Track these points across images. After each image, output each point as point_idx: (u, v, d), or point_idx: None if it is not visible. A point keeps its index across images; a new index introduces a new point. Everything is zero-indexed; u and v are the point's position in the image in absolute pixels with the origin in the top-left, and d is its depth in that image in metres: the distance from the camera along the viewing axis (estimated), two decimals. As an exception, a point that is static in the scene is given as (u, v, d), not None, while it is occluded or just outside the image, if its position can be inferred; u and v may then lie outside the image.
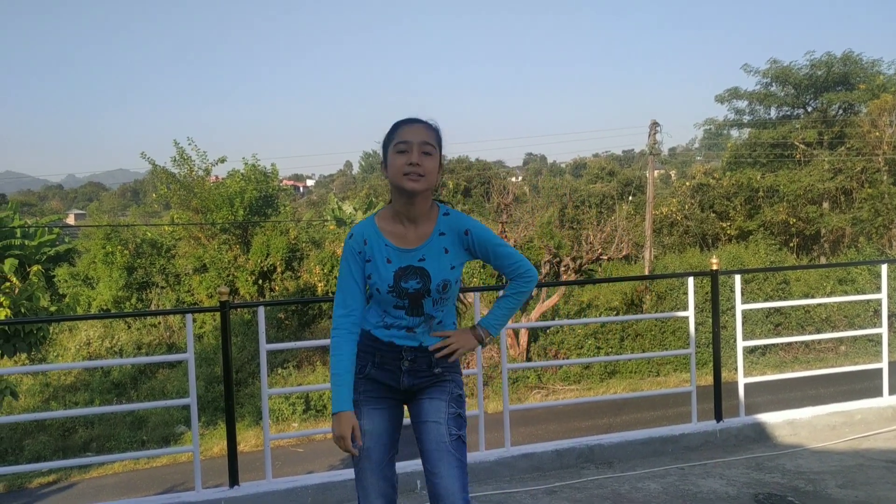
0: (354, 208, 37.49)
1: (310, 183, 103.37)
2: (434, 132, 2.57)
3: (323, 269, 25.62)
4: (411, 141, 2.49)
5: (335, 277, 25.75)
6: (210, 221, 26.65)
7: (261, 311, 4.19)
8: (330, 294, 25.29)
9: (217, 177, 31.40)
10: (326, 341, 7.44)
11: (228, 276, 25.11)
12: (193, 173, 27.69)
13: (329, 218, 36.68)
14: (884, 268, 5.34)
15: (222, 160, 29.10)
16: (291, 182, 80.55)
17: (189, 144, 27.54)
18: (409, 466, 4.19)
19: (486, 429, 4.70)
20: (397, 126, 2.56)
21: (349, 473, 4.15)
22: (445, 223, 2.60)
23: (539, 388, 19.71)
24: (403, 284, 2.51)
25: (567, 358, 20.43)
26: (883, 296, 5.31)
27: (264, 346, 4.11)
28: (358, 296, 2.60)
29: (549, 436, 13.02)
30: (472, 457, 4.34)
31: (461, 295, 15.43)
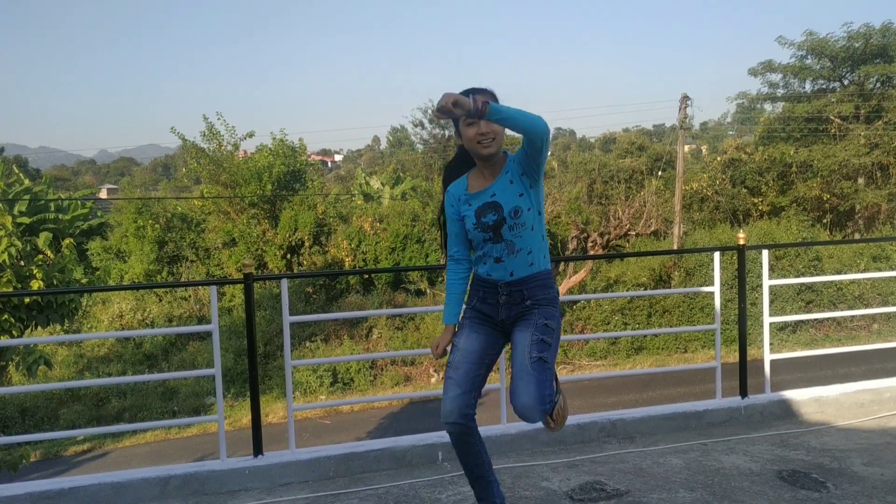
0: (382, 183, 37.54)
1: (337, 158, 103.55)
2: (491, 96, 2.95)
3: (350, 244, 25.73)
4: None
5: (363, 252, 25.99)
6: (239, 196, 26.85)
7: (284, 283, 4.21)
8: (356, 268, 25.43)
9: (245, 151, 31.59)
10: (352, 314, 7.46)
11: (257, 250, 25.33)
12: (222, 148, 27.87)
13: (356, 193, 36.80)
14: (917, 243, 5.22)
15: (251, 135, 29.26)
16: (319, 157, 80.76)
17: (218, 119, 27.67)
18: (429, 438, 4.22)
19: (509, 403, 4.71)
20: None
21: (372, 444, 4.19)
22: (507, 163, 3.02)
23: (565, 363, 19.70)
24: (483, 219, 2.97)
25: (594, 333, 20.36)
26: (916, 272, 5.19)
27: (287, 318, 4.14)
28: (461, 236, 3.13)
29: (573, 410, 13.05)
30: (493, 429, 4.36)
31: None
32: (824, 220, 28.35)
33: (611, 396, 15.65)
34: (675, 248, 23.92)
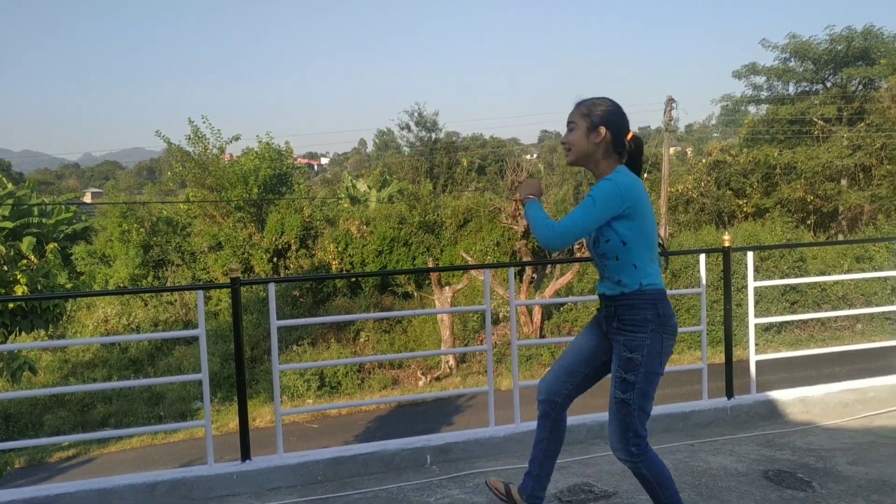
0: (368, 186, 37.52)
1: (324, 161, 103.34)
2: (575, 108, 2.97)
3: (337, 248, 25.70)
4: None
5: (350, 255, 25.97)
6: (225, 199, 26.76)
7: (271, 287, 4.20)
8: (343, 271, 25.37)
9: (231, 155, 31.50)
10: (340, 318, 7.41)
11: (243, 253, 25.25)
12: (208, 151, 27.78)
13: (343, 196, 36.77)
14: (899, 244, 5.28)
15: (236, 138, 29.20)
16: (306, 160, 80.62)
17: (204, 122, 27.58)
18: (417, 441, 4.22)
19: (499, 406, 4.72)
20: None
21: (360, 448, 4.19)
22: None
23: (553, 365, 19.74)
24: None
25: (581, 335, 20.41)
26: (898, 273, 5.25)
27: (274, 323, 4.13)
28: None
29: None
30: (482, 432, 4.37)
31: None
32: (808, 222, 28.58)
33: (598, 398, 15.65)
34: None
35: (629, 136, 2.93)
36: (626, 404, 2.88)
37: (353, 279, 25.22)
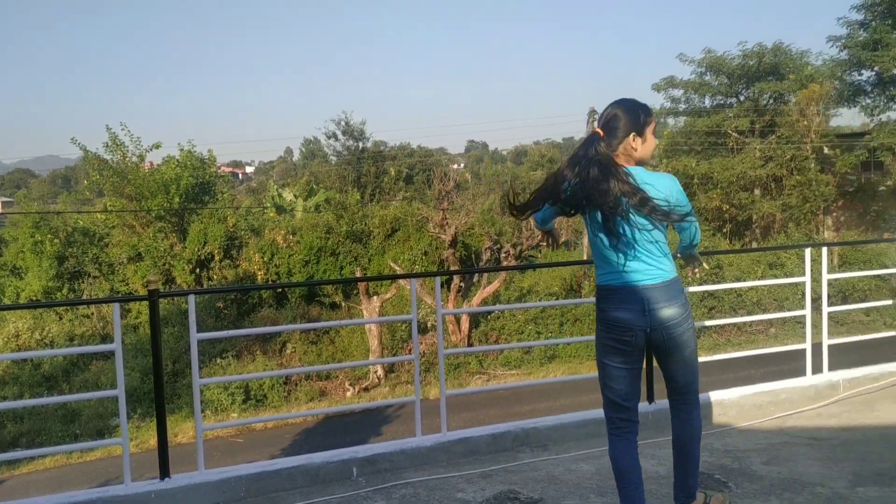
0: (295, 195, 37.05)
1: (249, 170, 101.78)
2: (637, 106, 3.12)
3: (263, 258, 25.29)
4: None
5: (275, 266, 25.55)
6: (145, 209, 26.03)
7: (191, 299, 4.10)
8: (269, 282, 24.95)
9: (152, 163, 30.73)
10: (264, 329, 7.29)
11: (164, 264, 24.57)
12: (127, 159, 27.00)
13: (269, 205, 36.20)
14: (807, 252, 5.52)
15: (157, 146, 28.47)
16: (230, 169, 79.22)
17: (122, 130, 26.79)
18: (344, 454, 4.18)
19: (428, 415, 4.71)
20: (651, 112, 3.12)
21: (284, 462, 4.12)
22: None
23: (480, 373, 19.86)
24: None
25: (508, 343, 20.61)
26: (806, 279, 5.48)
27: (194, 336, 4.03)
28: None
29: (489, 421, 13.12)
30: (409, 443, 4.35)
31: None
32: (724, 230, 29.62)
33: (525, 405, 15.84)
34: (585, 258, 24.53)
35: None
36: None
37: (280, 290, 24.82)
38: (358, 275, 23.57)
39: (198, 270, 24.71)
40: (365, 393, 19.03)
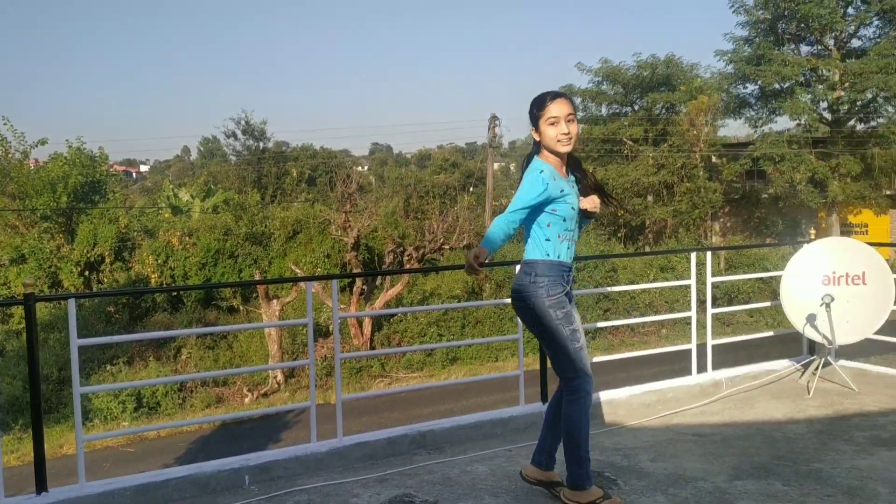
0: (192, 196, 35.93)
1: (143, 168, 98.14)
2: (567, 100, 3.33)
3: (157, 260, 24.39)
4: (559, 115, 3.27)
5: (170, 268, 24.69)
6: (29, 208, 24.69)
7: (71, 303, 3.90)
8: (163, 285, 24.09)
9: (37, 160, 29.25)
10: (156, 334, 7.02)
11: (50, 266, 23.35)
12: (10, 156, 25.63)
13: (164, 205, 34.96)
14: (693, 256, 5.77)
15: (43, 142, 27.16)
16: (123, 167, 76.17)
17: (4, 124, 25.35)
18: (235, 462, 4.06)
19: (327, 420, 4.65)
20: (544, 102, 3.30)
21: (172, 473, 3.96)
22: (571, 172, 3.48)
23: (383, 376, 19.80)
24: (578, 206, 3.41)
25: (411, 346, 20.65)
26: (692, 281, 5.73)
27: (75, 341, 3.84)
28: (532, 203, 3.28)
29: (390, 424, 13.15)
30: (303, 449, 4.28)
31: None
32: (619, 235, 30.67)
33: (427, 407, 15.88)
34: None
35: None
36: None
37: (175, 293, 24.00)
38: (257, 278, 23.07)
39: (87, 273, 23.61)
40: (264, 399, 18.64)
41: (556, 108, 3.27)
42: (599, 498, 3.42)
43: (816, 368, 5.78)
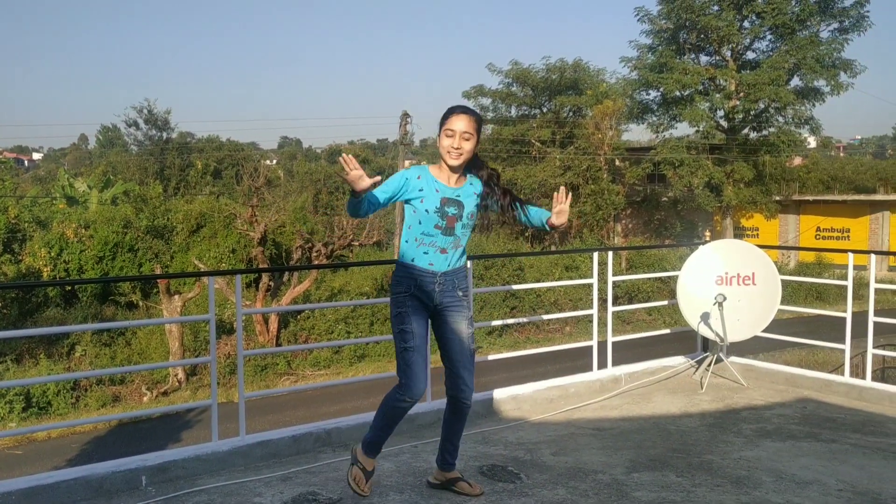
0: (89, 186, 34.37)
1: (37, 156, 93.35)
2: (476, 121, 3.45)
3: (50, 253, 23.23)
4: (456, 130, 3.38)
5: (64, 262, 23.56)
6: None
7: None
8: (56, 278, 22.98)
9: (-84, 145, 27.34)
10: (46, 330, 6.73)
11: (-71, 258, 21.90)
12: None
13: (58, 196, 33.33)
14: (594, 256, 5.95)
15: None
16: (13, 154, 72.30)
17: None
18: (132, 462, 3.92)
19: (231, 418, 4.54)
20: (449, 113, 3.42)
21: (63, 474, 3.79)
22: (475, 182, 3.54)
23: (289, 374, 19.51)
24: (446, 208, 3.40)
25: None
26: (594, 280, 5.90)
27: (-42, 338, 3.62)
28: (389, 195, 3.41)
29: (296, 422, 12.96)
30: (204, 448, 4.17)
31: None
32: (526, 234, 31.20)
33: (334, 405, 15.75)
34: (396, 258, 24.85)
35: None
36: (474, 355, 3.59)
37: (69, 287, 22.90)
38: (158, 272, 22.31)
39: (-29, 266, 22.28)
40: (164, 397, 18.05)
41: (456, 123, 3.39)
42: (367, 470, 3.59)
43: (709, 365, 6.06)
